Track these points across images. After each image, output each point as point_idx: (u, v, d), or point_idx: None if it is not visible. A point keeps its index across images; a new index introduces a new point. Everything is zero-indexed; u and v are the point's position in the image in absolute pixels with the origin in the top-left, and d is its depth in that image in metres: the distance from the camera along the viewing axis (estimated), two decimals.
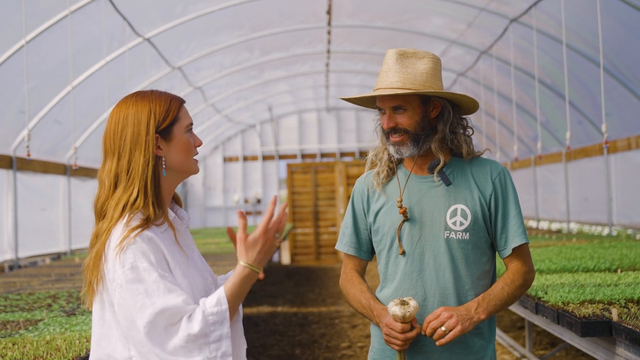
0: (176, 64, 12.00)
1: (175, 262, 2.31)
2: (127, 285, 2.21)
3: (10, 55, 8.17)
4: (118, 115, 2.38)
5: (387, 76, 2.87)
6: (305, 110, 20.55)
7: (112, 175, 2.35)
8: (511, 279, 2.86)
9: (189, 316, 2.22)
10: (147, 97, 2.40)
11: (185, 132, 2.43)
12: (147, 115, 2.36)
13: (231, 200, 20.52)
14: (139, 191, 2.32)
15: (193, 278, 2.37)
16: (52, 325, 4.38)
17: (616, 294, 4.48)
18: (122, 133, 2.36)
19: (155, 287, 2.20)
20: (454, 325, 2.71)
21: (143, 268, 2.22)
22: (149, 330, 2.19)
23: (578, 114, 11.40)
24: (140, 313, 2.19)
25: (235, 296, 2.29)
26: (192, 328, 2.19)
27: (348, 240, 3.05)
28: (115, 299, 2.24)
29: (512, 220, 2.87)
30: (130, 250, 2.23)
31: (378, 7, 11.43)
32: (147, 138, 2.34)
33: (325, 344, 9.11)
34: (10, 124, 9.58)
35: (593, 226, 12.10)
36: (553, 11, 9.06)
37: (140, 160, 2.33)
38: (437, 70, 2.89)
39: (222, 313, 2.24)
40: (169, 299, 2.20)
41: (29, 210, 10.59)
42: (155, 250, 2.27)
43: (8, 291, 6.34)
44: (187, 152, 2.43)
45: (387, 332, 2.77)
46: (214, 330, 2.22)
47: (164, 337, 2.20)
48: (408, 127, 2.86)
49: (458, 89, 14.97)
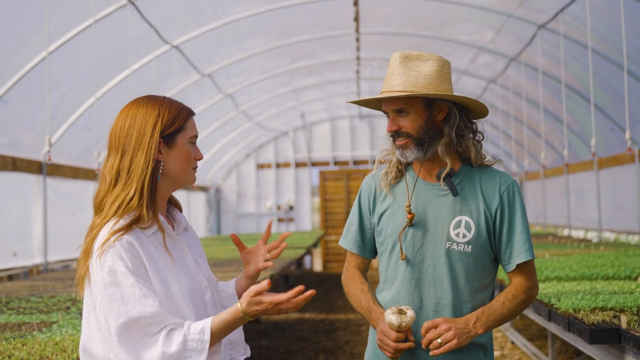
0: (205, 71, 12.09)
1: (154, 268, 2.33)
2: (105, 290, 2.24)
3: (39, 61, 8.30)
4: (127, 114, 2.44)
5: (390, 79, 2.86)
6: (338, 118, 20.58)
7: (114, 171, 2.40)
8: (513, 294, 2.82)
9: (168, 332, 2.24)
10: (158, 101, 2.45)
11: (188, 143, 2.47)
12: (154, 118, 2.41)
13: (264, 206, 20.60)
14: (135, 190, 2.36)
15: (178, 281, 2.38)
16: (65, 327, 4.43)
17: (629, 301, 4.41)
18: (128, 131, 2.41)
19: (131, 292, 2.23)
20: (451, 338, 2.67)
21: (120, 272, 2.25)
22: (122, 338, 2.22)
23: (609, 121, 11.27)
24: (114, 319, 2.22)
25: (221, 331, 2.31)
26: (170, 347, 2.22)
27: (352, 238, 3.05)
28: (97, 301, 2.27)
29: (517, 236, 2.82)
30: (109, 254, 2.27)
31: (407, 14, 11.42)
32: (151, 140, 2.38)
33: (349, 351, 9.09)
34: (40, 130, 9.72)
35: (626, 235, 11.94)
36: (581, 17, 8.99)
37: (141, 161, 2.37)
38: (443, 72, 2.84)
39: (202, 342, 2.25)
40: (144, 306, 2.22)
41: (60, 215, 10.73)
42: (133, 255, 2.29)
43: (31, 294, 6.43)
44: (186, 162, 2.46)
45: (381, 338, 2.76)
46: (189, 356, 2.23)
47: (138, 347, 2.22)
48: (411, 131, 2.84)
49: (489, 96, 14.89)
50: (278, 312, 2.33)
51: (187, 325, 2.26)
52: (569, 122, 12.65)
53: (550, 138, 14.39)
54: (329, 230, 20.11)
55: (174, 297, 2.35)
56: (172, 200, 2.61)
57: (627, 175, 11.49)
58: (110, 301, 2.23)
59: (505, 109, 14.58)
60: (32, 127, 9.58)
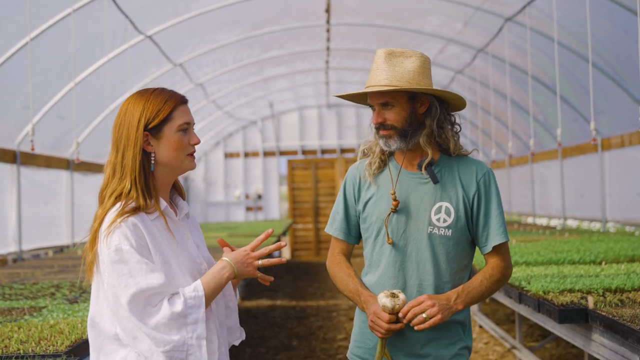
0: (177, 60, 12.18)
1: (157, 248, 2.50)
2: (113, 266, 2.41)
3: (15, 52, 8.36)
4: (122, 110, 2.60)
5: (376, 74, 3.03)
6: (306, 107, 20.73)
7: (112, 165, 2.58)
8: (490, 273, 3.02)
9: (169, 298, 2.43)
10: (145, 95, 2.59)
11: (177, 131, 2.60)
12: (139, 113, 2.55)
13: (232, 195, 20.70)
14: (131, 183, 2.53)
15: (180, 262, 2.56)
16: (55, 311, 4.58)
17: (595, 283, 4.67)
18: (120, 127, 2.58)
19: (138, 267, 2.41)
20: (435, 313, 2.86)
21: (126, 250, 2.42)
22: (132, 307, 2.39)
23: (573, 112, 11.57)
24: (124, 291, 2.39)
25: (210, 284, 2.52)
26: (175, 307, 2.42)
27: (338, 225, 3.22)
28: (105, 278, 2.44)
29: (493, 220, 3.03)
30: (115, 234, 2.44)
31: (377, 5, 11.62)
32: (137, 134, 2.54)
33: (322, 336, 9.30)
34: (14, 119, 9.77)
35: (589, 222, 12.27)
36: (547, 10, 9.24)
37: (130, 155, 2.54)
38: (425, 68, 3.02)
39: (199, 298, 2.47)
40: (151, 279, 2.40)
41: (33, 204, 10.78)
42: (138, 236, 2.46)
43: (12, 281, 6.54)
44: (176, 150, 2.60)
45: (374, 319, 2.93)
46: (191, 312, 2.44)
47: (146, 314, 2.40)
48: (395, 123, 3.01)
49: (455, 86, 15.14)
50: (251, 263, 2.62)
51: (180, 290, 2.47)
52: (534, 112, 12.95)
53: (516, 128, 14.69)
54: (297, 219, 20.29)
55: (175, 277, 2.52)
56: (177, 187, 2.77)
57: (590, 165, 11.82)
58: (119, 276, 2.40)
59: (473, 99, 14.84)
60: (6, 117, 9.63)
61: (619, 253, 6.35)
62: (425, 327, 2.86)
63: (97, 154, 12.90)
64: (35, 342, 3.56)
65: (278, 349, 8.64)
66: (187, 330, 2.43)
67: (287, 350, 8.53)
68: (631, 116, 9.65)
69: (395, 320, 2.91)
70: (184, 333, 2.42)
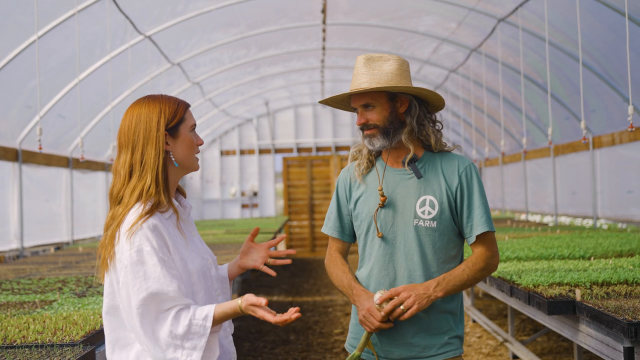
0: (175, 60, 12.36)
1: (175, 247, 2.68)
2: (132, 267, 2.58)
3: (18, 53, 8.54)
4: (132, 114, 2.75)
5: (357, 79, 3.24)
6: (301, 105, 20.91)
7: (127, 166, 2.72)
8: (473, 262, 3.20)
9: (177, 312, 2.58)
10: (157, 99, 2.78)
11: (190, 132, 2.80)
12: (157, 115, 2.73)
13: (228, 193, 20.87)
14: (152, 180, 2.69)
15: (191, 258, 2.74)
16: (65, 305, 4.77)
17: (583, 277, 4.88)
18: (135, 129, 2.72)
19: (153, 270, 2.57)
20: (411, 304, 3.06)
21: (146, 252, 2.59)
22: (141, 311, 2.56)
23: (565, 110, 11.79)
24: (136, 294, 2.56)
25: (220, 320, 2.65)
26: (177, 328, 2.57)
27: (332, 225, 3.42)
28: (121, 277, 2.61)
29: (476, 210, 3.20)
30: (137, 235, 2.60)
31: (372, 5, 11.81)
32: (158, 134, 2.71)
33: (319, 330, 9.50)
34: (16, 118, 9.95)
35: (580, 219, 12.49)
36: (539, 11, 9.44)
37: (152, 153, 2.70)
38: (402, 70, 3.24)
39: (205, 328, 2.60)
40: (163, 284, 2.56)
41: (33, 201, 10.97)
42: (158, 236, 2.63)
43: (19, 276, 6.72)
44: (190, 149, 2.80)
45: (366, 315, 3.13)
46: (192, 338, 2.58)
47: (153, 322, 2.57)
48: (377, 122, 3.22)
49: (450, 85, 15.36)
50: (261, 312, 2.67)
51: (192, 310, 2.60)
52: (526, 111, 13.16)
53: (509, 126, 14.92)
54: (293, 216, 20.49)
55: (190, 273, 2.71)
56: (178, 188, 2.96)
57: (581, 162, 12.04)
58: (134, 277, 2.56)
59: (466, 97, 15.06)
60: (8, 116, 9.81)
61: (608, 249, 6.56)
62: (405, 317, 3.06)
63: (96, 152, 13.09)
64: (51, 333, 3.75)
65: (276, 343, 8.83)
66: (183, 354, 2.57)
67: (284, 345, 8.73)
68: (622, 115, 9.87)
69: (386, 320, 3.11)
70: (177, 354, 2.57)
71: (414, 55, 14.21)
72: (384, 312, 3.07)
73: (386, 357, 3.23)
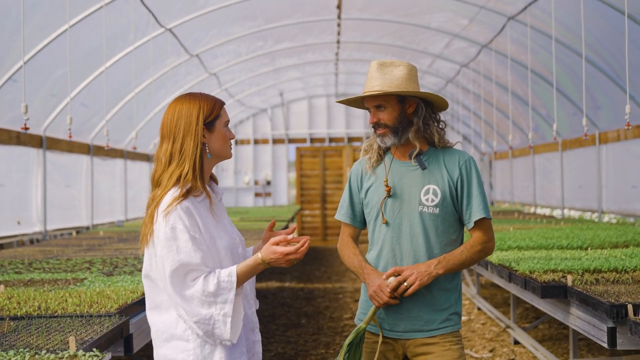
0: (194, 51, 12.73)
1: (205, 226, 3.05)
2: (166, 242, 2.96)
3: (47, 43, 8.94)
4: (174, 109, 3.13)
5: (370, 82, 3.63)
6: (315, 96, 21.24)
7: (168, 154, 3.09)
8: (471, 244, 3.58)
9: (205, 276, 2.96)
10: (197, 97, 3.15)
11: (224, 127, 3.18)
12: (197, 110, 3.10)
13: (242, 181, 21.22)
14: (189, 168, 3.06)
15: (220, 237, 3.11)
16: (96, 282, 5.15)
17: (576, 265, 5.26)
18: (177, 122, 3.10)
19: (184, 245, 2.94)
20: (414, 281, 3.45)
21: (179, 229, 2.96)
22: (173, 279, 2.94)
23: (572, 106, 12.09)
24: (169, 265, 2.94)
25: (244, 275, 3.04)
26: (208, 286, 2.94)
27: (345, 212, 3.80)
28: (158, 250, 2.99)
29: (474, 199, 3.59)
30: (172, 215, 2.98)
31: (386, 2, 12.14)
32: (197, 128, 3.08)
33: (329, 315, 9.88)
34: (41, 106, 10.35)
35: (587, 212, 12.81)
36: (547, 10, 9.74)
37: (191, 144, 3.07)
38: (411, 75, 3.62)
39: (231, 282, 2.98)
40: (193, 257, 2.94)
41: (55, 187, 11.39)
42: (190, 216, 3.00)
43: (47, 257, 7.13)
44: (224, 142, 3.18)
45: (376, 290, 3.51)
46: (222, 293, 2.97)
47: (182, 287, 2.95)
48: (388, 122, 3.61)
49: (461, 78, 15.67)
50: (287, 262, 3.08)
51: (217, 272, 2.99)
52: (535, 106, 13.47)
53: (519, 120, 15.23)
54: (305, 205, 20.81)
55: (219, 250, 3.08)
56: (212, 176, 3.33)
57: (588, 157, 12.35)
58: (168, 251, 2.95)
59: (477, 91, 15.38)
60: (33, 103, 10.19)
61: (605, 240, 6.92)
62: (409, 293, 3.45)
63: (116, 140, 13.48)
64: (88, 305, 4.14)
65: (287, 326, 9.22)
66: (216, 307, 2.95)
67: (296, 328, 9.11)
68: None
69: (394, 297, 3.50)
70: (212, 310, 2.95)
71: (427, 50, 14.54)
72: (389, 287, 3.44)
73: (391, 330, 3.60)
